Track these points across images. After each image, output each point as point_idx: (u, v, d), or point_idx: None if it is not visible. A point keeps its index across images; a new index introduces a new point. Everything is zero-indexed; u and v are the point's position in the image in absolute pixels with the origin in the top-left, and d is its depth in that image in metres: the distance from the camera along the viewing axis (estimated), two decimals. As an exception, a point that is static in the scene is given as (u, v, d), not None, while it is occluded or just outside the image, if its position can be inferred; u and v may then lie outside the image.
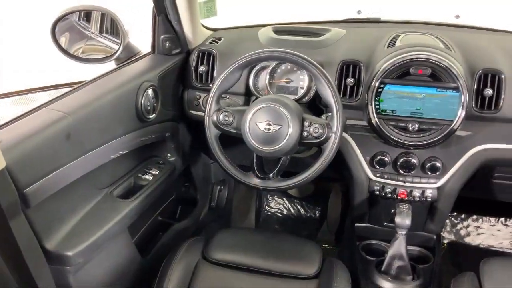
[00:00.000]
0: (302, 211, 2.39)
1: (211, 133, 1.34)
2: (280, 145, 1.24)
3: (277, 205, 2.42)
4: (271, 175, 1.33)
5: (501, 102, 1.33)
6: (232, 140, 1.32)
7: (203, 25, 1.75)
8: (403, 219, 1.35)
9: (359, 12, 2.65)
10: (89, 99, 1.27)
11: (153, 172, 1.52)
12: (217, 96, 1.32)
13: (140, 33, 1.83)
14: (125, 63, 1.53)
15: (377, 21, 1.87)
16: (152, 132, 1.52)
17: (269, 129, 1.24)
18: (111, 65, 1.57)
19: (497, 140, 1.38)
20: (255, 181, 1.33)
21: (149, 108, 1.45)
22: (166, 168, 1.58)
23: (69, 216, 1.22)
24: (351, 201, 1.61)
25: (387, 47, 1.44)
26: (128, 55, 1.59)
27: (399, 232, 1.38)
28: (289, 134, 1.23)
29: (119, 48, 1.54)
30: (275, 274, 1.31)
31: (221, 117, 1.31)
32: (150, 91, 1.44)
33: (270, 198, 2.43)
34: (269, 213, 2.41)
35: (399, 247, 1.40)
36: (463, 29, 1.78)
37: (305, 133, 1.26)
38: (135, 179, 1.48)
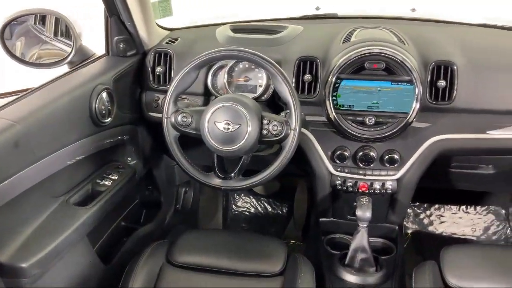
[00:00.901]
0: (269, 208, 2.40)
1: (170, 134, 1.32)
2: (239, 144, 1.23)
3: (244, 204, 2.41)
4: (233, 174, 1.32)
5: (454, 93, 1.36)
6: (193, 141, 1.31)
7: (159, 25, 1.73)
8: (364, 212, 1.36)
9: (317, 8, 2.67)
10: (39, 105, 1.23)
11: (112, 177, 1.49)
12: (174, 97, 1.30)
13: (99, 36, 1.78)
14: (77, 66, 1.49)
15: (334, 17, 1.89)
16: (109, 136, 1.48)
17: (228, 129, 1.23)
18: (64, 69, 1.53)
19: (452, 130, 1.41)
20: (216, 182, 1.32)
21: (104, 112, 1.41)
22: (126, 173, 1.55)
23: (22, 226, 1.18)
24: (314, 196, 1.62)
25: (343, 42, 1.45)
26: (82, 58, 1.55)
27: (360, 224, 1.40)
28: (248, 133, 1.22)
29: (71, 51, 1.50)
30: (240, 274, 1.30)
31: (179, 118, 1.29)
32: (104, 95, 1.41)
33: (237, 197, 2.43)
34: (236, 213, 2.40)
35: (361, 239, 1.42)
36: (418, 22, 1.82)
37: (264, 131, 1.25)
38: (93, 185, 1.44)
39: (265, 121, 1.25)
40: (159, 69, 1.57)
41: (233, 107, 1.23)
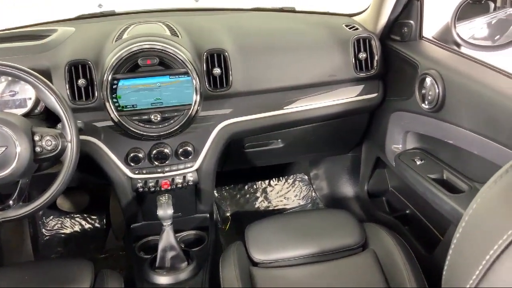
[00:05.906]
0: (85, 224, 2.23)
1: None
2: (10, 169, 1.09)
3: (56, 226, 2.20)
4: (11, 202, 1.17)
5: (230, 78, 1.42)
6: None
7: None
8: (165, 210, 1.35)
9: (100, 6, 2.55)
10: None
11: None
12: None
13: None
14: None
15: (112, 14, 1.80)
16: None
17: None
18: None
19: (235, 114, 1.48)
20: None
21: None
22: None
23: None
24: (120, 203, 1.55)
25: (115, 41, 1.39)
26: None
27: (164, 224, 1.38)
28: (17, 154, 1.09)
29: None
30: None
31: None
32: None
33: (46, 220, 2.20)
34: (48, 237, 2.18)
35: (167, 238, 1.41)
36: (197, 12, 1.85)
37: (38, 149, 1.13)
38: None
39: (36, 138, 1.13)
40: None
41: None
